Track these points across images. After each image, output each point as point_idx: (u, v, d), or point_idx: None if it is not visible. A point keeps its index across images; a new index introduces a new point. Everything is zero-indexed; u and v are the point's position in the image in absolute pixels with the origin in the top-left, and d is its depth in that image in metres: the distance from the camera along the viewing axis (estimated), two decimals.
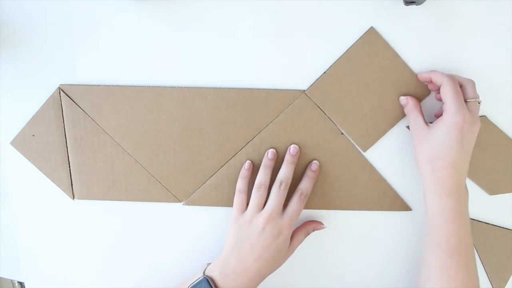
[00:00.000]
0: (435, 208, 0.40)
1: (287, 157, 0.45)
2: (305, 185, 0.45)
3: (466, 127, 0.38)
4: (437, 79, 0.41)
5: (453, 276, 0.40)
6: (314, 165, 0.46)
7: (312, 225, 0.47)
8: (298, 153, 0.46)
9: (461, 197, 0.40)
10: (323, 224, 0.48)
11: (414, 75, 0.44)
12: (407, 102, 0.44)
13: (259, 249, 0.42)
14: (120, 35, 0.45)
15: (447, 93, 0.39)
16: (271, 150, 0.46)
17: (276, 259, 0.43)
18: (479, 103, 0.41)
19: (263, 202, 0.44)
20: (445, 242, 0.40)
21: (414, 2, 0.40)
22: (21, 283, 0.57)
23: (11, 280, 0.58)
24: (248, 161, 0.46)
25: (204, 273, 0.43)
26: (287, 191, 0.44)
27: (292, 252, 0.45)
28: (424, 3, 0.41)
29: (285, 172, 0.44)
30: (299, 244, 0.46)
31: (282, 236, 0.43)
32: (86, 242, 0.50)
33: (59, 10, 0.45)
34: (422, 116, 0.43)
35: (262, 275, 0.43)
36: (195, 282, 0.42)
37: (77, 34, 0.45)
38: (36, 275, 0.52)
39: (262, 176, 0.44)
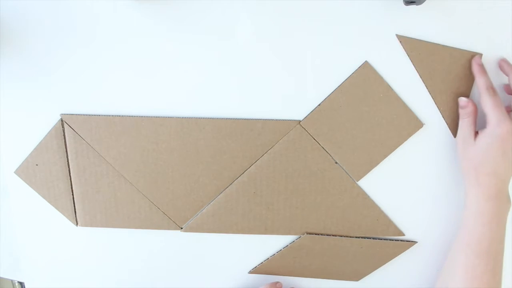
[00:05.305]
0: (472, 209, 0.42)
1: None
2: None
3: (509, 138, 0.39)
4: (482, 85, 0.41)
5: (478, 276, 0.41)
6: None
7: None
8: None
9: (500, 203, 0.41)
10: None
11: (407, 108, 0.45)
12: (467, 105, 0.43)
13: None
14: (120, 66, 0.46)
15: (487, 104, 0.40)
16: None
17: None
18: None
19: None
20: (476, 242, 0.41)
21: (414, 2, 0.40)
22: (21, 283, 0.58)
23: (11, 280, 0.59)
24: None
25: None
26: None
27: None
28: (423, 3, 0.41)
29: None
30: None
31: None
32: (88, 266, 0.52)
33: (59, 41, 0.46)
34: (475, 124, 0.43)
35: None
36: None
37: (77, 64, 0.46)
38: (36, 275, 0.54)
39: None
